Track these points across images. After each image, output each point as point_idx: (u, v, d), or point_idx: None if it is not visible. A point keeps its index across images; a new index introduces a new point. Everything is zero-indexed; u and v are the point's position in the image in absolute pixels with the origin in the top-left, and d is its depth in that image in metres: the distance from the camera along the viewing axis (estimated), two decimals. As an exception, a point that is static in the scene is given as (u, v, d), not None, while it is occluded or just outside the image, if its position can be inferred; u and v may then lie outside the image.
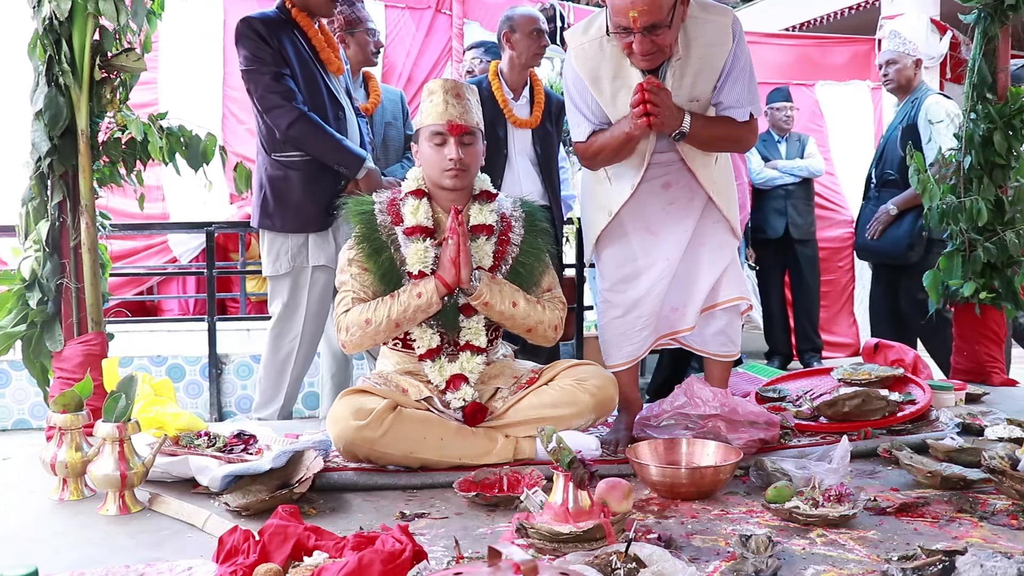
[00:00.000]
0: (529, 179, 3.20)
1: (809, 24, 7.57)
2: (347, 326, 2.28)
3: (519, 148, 3.20)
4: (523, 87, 3.24)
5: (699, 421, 2.33)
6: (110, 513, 1.94)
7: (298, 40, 2.80)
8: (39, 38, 2.62)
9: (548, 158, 3.24)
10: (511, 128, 3.20)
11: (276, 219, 2.83)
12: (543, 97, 3.23)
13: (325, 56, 2.84)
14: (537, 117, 3.20)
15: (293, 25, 2.81)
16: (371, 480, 2.14)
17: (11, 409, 3.94)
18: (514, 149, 3.19)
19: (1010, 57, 3.58)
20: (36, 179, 2.66)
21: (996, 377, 3.58)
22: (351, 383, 3.14)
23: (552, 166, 3.26)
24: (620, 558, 1.47)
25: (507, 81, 3.20)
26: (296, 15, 2.81)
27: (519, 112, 3.20)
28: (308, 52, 2.80)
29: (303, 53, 2.79)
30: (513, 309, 2.31)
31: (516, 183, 3.16)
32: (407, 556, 1.41)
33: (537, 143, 3.20)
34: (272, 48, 2.73)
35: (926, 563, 1.47)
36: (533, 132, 3.21)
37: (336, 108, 2.83)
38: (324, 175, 2.79)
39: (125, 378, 2.10)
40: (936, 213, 3.52)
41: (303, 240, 2.84)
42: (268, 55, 2.72)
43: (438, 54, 5.48)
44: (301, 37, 2.81)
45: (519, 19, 3.16)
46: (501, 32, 3.20)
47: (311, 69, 2.79)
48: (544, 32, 3.18)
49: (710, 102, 2.36)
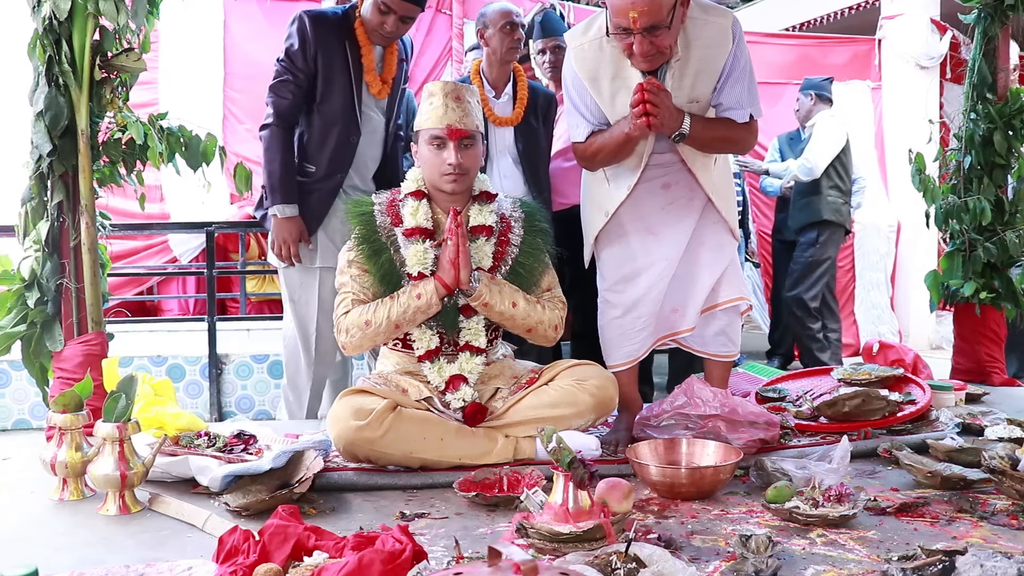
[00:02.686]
0: (511, 178, 3.13)
1: (809, 24, 7.57)
2: (347, 328, 2.28)
3: (500, 147, 3.15)
4: (505, 83, 3.16)
5: (699, 421, 2.33)
6: (110, 513, 1.94)
7: (347, 53, 2.75)
8: (39, 38, 2.62)
9: (532, 154, 3.14)
10: (492, 127, 3.16)
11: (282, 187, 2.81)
12: (526, 93, 3.14)
13: (369, 78, 2.79)
14: (519, 114, 3.14)
15: (350, 36, 2.76)
16: (371, 480, 2.14)
17: (11, 409, 3.95)
18: (495, 148, 3.14)
19: (1010, 57, 3.58)
20: (36, 179, 2.66)
21: (996, 377, 3.58)
22: (349, 383, 3.13)
23: (539, 162, 3.17)
24: (620, 558, 1.47)
25: (488, 79, 3.17)
26: (358, 27, 2.77)
27: (500, 110, 3.15)
28: (351, 68, 2.76)
29: (343, 66, 2.75)
30: (513, 309, 2.31)
31: (498, 182, 3.13)
32: (407, 556, 1.41)
33: (520, 140, 3.16)
34: (309, 54, 2.71)
35: (926, 563, 1.47)
36: (515, 129, 3.14)
37: (351, 131, 2.78)
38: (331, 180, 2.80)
39: (125, 378, 2.09)
40: (940, 213, 3.53)
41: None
42: (299, 60, 2.71)
43: (438, 54, 5.48)
44: (352, 50, 2.76)
45: (491, 15, 3.13)
46: (476, 30, 3.17)
47: (341, 85, 2.75)
48: (518, 25, 3.09)
49: (710, 103, 2.36)
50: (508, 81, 3.17)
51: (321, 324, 2.84)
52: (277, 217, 2.76)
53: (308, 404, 2.94)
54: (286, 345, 2.95)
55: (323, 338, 2.86)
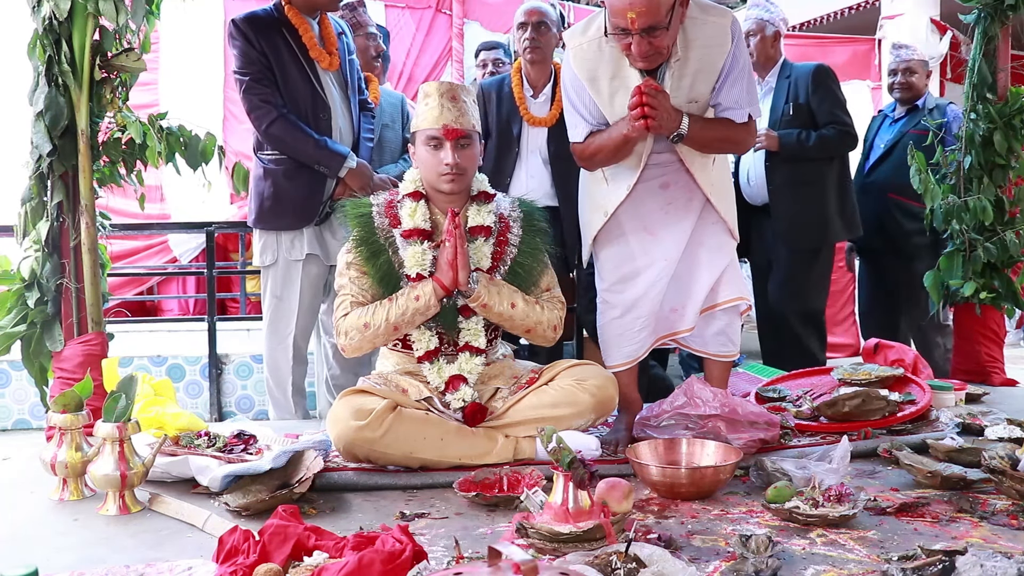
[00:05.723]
0: (538, 178, 3.17)
1: (809, 24, 7.56)
2: (346, 330, 2.28)
3: (532, 146, 3.18)
4: (545, 83, 3.19)
5: (699, 421, 2.33)
6: (110, 513, 1.94)
7: (287, 38, 2.79)
8: (39, 38, 2.62)
9: (564, 157, 3.19)
10: (526, 126, 3.18)
11: (264, 217, 2.87)
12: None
13: (315, 54, 2.82)
14: (554, 115, 3.16)
15: (284, 23, 2.81)
16: (371, 480, 2.14)
17: (11, 409, 3.95)
18: (527, 147, 3.18)
19: (1010, 57, 3.58)
20: (36, 179, 2.66)
21: (996, 377, 3.58)
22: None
23: (573, 164, 3.21)
24: (620, 558, 1.47)
25: (528, 78, 3.19)
26: (288, 12, 2.81)
27: (536, 110, 3.18)
28: (296, 50, 2.80)
29: (290, 52, 2.79)
30: (512, 310, 2.31)
31: (525, 181, 3.15)
32: (407, 556, 1.41)
33: (552, 141, 3.17)
34: (257, 49, 2.75)
35: (926, 563, 1.46)
36: (549, 130, 3.18)
37: (319, 108, 2.82)
38: (307, 173, 2.81)
39: (125, 378, 2.10)
40: (939, 213, 3.52)
41: (293, 235, 2.86)
42: (253, 56, 2.75)
43: (438, 54, 5.48)
44: (291, 35, 2.80)
45: (516, 14, 3.16)
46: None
47: (295, 68, 2.79)
48: (527, 24, 3.11)
49: (709, 103, 2.35)
50: (548, 81, 3.18)
51: (301, 320, 2.91)
52: (352, 169, 2.81)
53: (294, 400, 2.98)
54: (268, 346, 2.98)
55: (302, 334, 2.94)
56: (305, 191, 2.82)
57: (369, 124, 3.06)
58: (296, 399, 2.99)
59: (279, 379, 2.97)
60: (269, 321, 2.94)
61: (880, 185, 3.94)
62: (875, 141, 4.08)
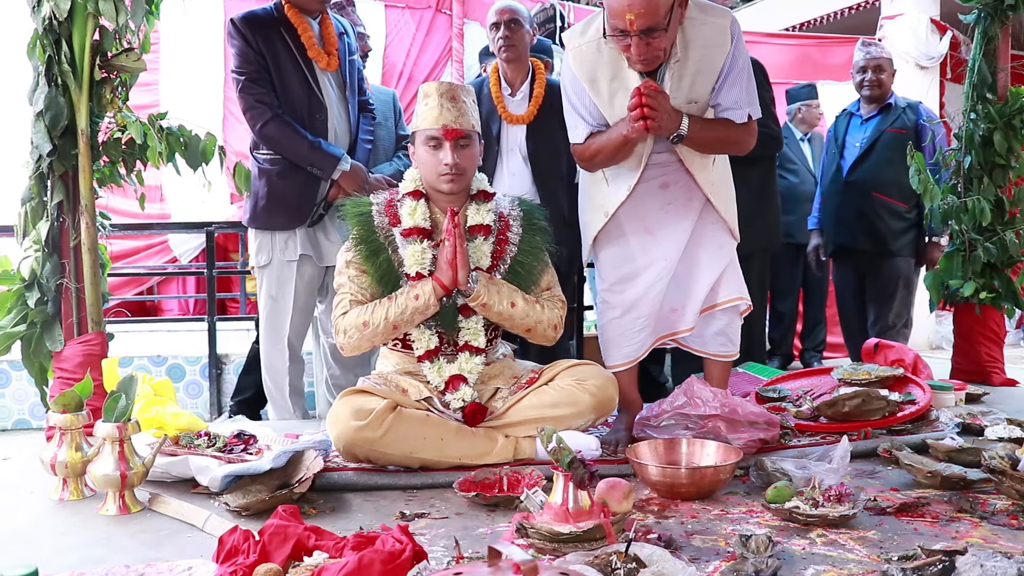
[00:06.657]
0: (519, 176, 3.15)
1: (809, 24, 7.57)
2: (345, 329, 2.28)
3: (511, 144, 3.17)
4: (522, 81, 3.19)
5: (699, 421, 2.33)
6: (110, 513, 1.94)
7: (286, 38, 2.80)
8: (39, 38, 2.62)
9: (542, 153, 3.16)
10: (505, 124, 3.18)
11: (258, 216, 2.88)
12: (543, 91, 3.15)
13: (313, 54, 2.82)
14: (532, 112, 3.16)
15: (283, 23, 2.81)
16: (371, 480, 2.14)
17: (11, 409, 3.95)
18: (505, 145, 3.17)
19: (1010, 57, 3.58)
20: (36, 179, 2.66)
21: (996, 377, 3.58)
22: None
23: (549, 161, 3.18)
24: (620, 558, 1.47)
25: (505, 77, 3.19)
26: (288, 11, 2.82)
27: (513, 108, 3.17)
28: (295, 50, 2.80)
29: (287, 51, 2.79)
30: (512, 309, 2.31)
31: (507, 179, 3.14)
32: (407, 556, 1.41)
33: (531, 138, 3.16)
34: (254, 49, 2.75)
35: (926, 563, 1.46)
36: (527, 127, 3.17)
37: (315, 108, 2.82)
38: (301, 174, 2.82)
39: (125, 378, 2.10)
40: (938, 213, 3.53)
41: (287, 235, 2.87)
42: (250, 56, 2.76)
43: (438, 54, 5.48)
44: (289, 35, 2.81)
45: (488, 14, 3.16)
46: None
47: (292, 68, 2.79)
48: (499, 24, 3.11)
49: (708, 104, 2.35)
50: (525, 79, 3.18)
51: (295, 320, 2.91)
52: (346, 171, 2.81)
53: (292, 400, 2.99)
54: (264, 346, 2.98)
55: (296, 334, 2.94)
56: (298, 192, 2.83)
57: (368, 125, 3.06)
58: (294, 399, 2.99)
59: (276, 379, 2.98)
60: (265, 322, 2.95)
61: (862, 184, 3.93)
62: (847, 140, 4.06)
